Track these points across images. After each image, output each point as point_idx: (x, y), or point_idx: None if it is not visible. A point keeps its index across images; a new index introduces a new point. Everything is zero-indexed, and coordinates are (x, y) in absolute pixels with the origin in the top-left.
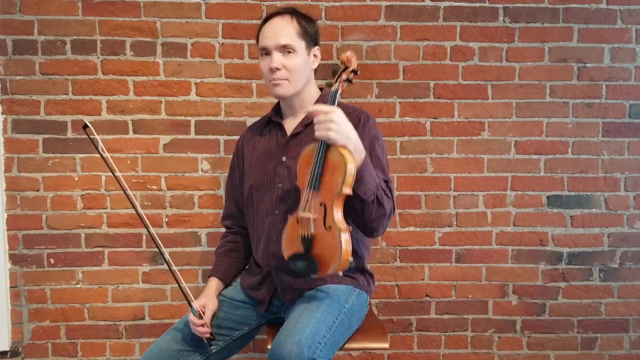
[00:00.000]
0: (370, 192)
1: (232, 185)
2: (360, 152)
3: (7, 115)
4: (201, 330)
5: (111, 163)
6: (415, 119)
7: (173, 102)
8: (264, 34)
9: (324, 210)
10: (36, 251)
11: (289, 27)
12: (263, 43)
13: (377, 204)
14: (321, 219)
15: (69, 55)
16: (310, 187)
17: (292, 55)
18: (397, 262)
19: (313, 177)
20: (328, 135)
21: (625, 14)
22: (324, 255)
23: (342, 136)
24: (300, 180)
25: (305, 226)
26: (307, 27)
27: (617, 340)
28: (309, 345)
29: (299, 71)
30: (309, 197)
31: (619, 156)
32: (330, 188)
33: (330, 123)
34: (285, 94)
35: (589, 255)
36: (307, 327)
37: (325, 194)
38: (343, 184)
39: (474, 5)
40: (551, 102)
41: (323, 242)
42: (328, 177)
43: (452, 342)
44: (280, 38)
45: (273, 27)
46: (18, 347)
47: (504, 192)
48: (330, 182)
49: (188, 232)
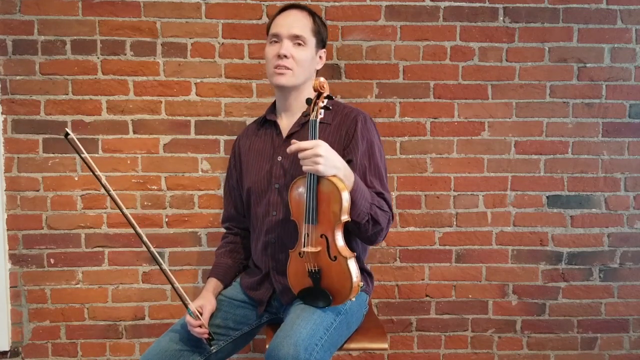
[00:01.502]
0: (363, 214)
1: (229, 186)
2: (349, 176)
3: (7, 115)
4: (199, 330)
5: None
6: (415, 119)
7: (173, 102)
8: (278, 21)
9: (326, 241)
10: (36, 251)
11: (305, 20)
12: (275, 30)
13: (373, 223)
14: (325, 251)
15: (69, 55)
16: (308, 222)
17: (302, 48)
18: (397, 262)
19: (309, 211)
20: (317, 169)
21: (625, 14)
22: (334, 285)
23: (330, 167)
24: (295, 215)
25: (310, 261)
26: (320, 27)
27: (617, 340)
28: (305, 347)
29: (304, 64)
30: (309, 231)
31: (619, 156)
32: (328, 219)
33: (317, 157)
34: (287, 84)
35: (589, 255)
36: (304, 328)
37: (325, 226)
38: (341, 213)
39: (474, 5)
40: (551, 102)
41: (331, 273)
42: (324, 209)
43: (452, 342)
44: (294, 28)
45: (289, 17)
46: (18, 347)
47: (504, 192)
48: (328, 213)
49: (188, 232)
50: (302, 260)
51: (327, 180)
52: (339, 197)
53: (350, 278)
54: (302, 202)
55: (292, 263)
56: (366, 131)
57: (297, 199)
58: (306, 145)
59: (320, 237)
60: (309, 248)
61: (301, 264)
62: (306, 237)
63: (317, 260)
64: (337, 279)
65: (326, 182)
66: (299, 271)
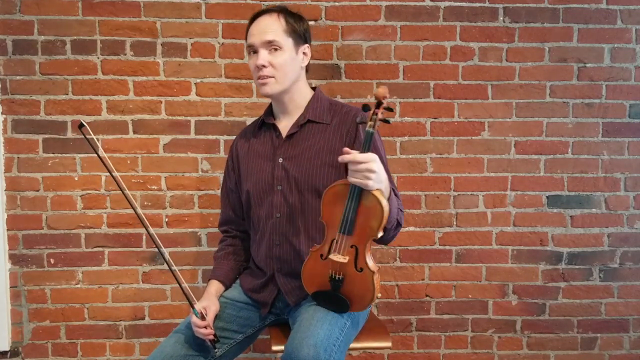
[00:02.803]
0: (393, 220)
1: (227, 189)
2: (386, 189)
3: (7, 115)
4: (204, 332)
5: (108, 163)
6: (415, 119)
7: (173, 102)
8: (251, 32)
9: (356, 252)
10: (36, 251)
11: (275, 24)
12: (250, 41)
13: (397, 225)
14: (352, 261)
15: (69, 55)
16: (343, 231)
17: (279, 52)
18: (397, 262)
19: (346, 222)
20: (367, 184)
21: (625, 14)
22: (354, 294)
23: (378, 182)
24: (327, 219)
25: (335, 267)
26: (294, 25)
27: (617, 340)
28: (325, 347)
29: (285, 68)
30: (341, 240)
31: (619, 156)
32: (364, 232)
33: (370, 173)
34: (272, 92)
35: (589, 255)
36: (321, 329)
37: (359, 238)
38: (378, 229)
39: (474, 5)
40: (551, 102)
41: (354, 283)
42: (362, 221)
43: (452, 342)
44: (265, 35)
45: (259, 25)
46: (18, 347)
47: (504, 192)
48: (365, 227)
49: (188, 232)
50: (324, 263)
51: (372, 195)
52: (381, 214)
53: (372, 291)
54: (339, 210)
55: (311, 262)
56: None
57: (334, 206)
58: (362, 158)
59: (350, 247)
60: (338, 257)
61: (322, 267)
62: (335, 243)
63: (342, 268)
64: (358, 290)
65: (370, 196)
66: (318, 272)
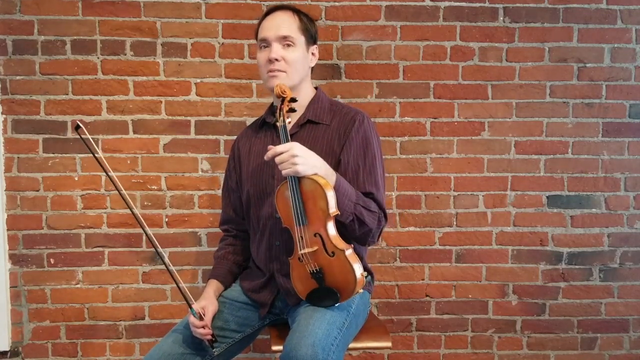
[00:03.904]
0: (347, 214)
1: (228, 188)
2: (330, 175)
3: (7, 115)
4: (202, 332)
5: (105, 163)
6: (415, 119)
7: (173, 102)
8: (265, 25)
9: (321, 239)
10: (36, 251)
11: (291, 20)
12: (263, 34)
13: (358, 223)
14: (322, 249)
15: (69, 55)
16: (299, 224)
17: (292, 48)
18: (397, 262)
19: (297, 213)
20: (296, 169)
21: (625, 14)
22: (338, 281)
23: (309, 166)
24: (286, 221)
25: (309, 262)
26: (307, 24)
27: (617, 340)
28: (323, 347)
29: (297, 65)
30: (302, 232)
31: (619, 156)
32: (318, 216)
33: (294, 158)
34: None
35: (589, 255)
36: (319, 329)
37: (316, 224)
38: (328, 207)
39: (474, 5)
40: (551, 102)
41: (333, 270)
42: (311, 207)
43: (452, 342)
44: (281, 30)
45: (275, 20)
46: (18, 347)
47: (504, 192)
48: (316, 211)
49: (188, 232)
50: (302, 265)
51: (308, 179)
52: (323, 193)
53: (352, 271)
54: (289, 206)
55: (294, 269)
56: (362, 131)
57: (284, 205)
58: (281, 149)
59: (314, 236)
60: (306, 249)
61: (302, 268)
62: (300, 240)
63: (316, 259)
64: (339, 274)
65: (307, 180)
66: (302, 275)
